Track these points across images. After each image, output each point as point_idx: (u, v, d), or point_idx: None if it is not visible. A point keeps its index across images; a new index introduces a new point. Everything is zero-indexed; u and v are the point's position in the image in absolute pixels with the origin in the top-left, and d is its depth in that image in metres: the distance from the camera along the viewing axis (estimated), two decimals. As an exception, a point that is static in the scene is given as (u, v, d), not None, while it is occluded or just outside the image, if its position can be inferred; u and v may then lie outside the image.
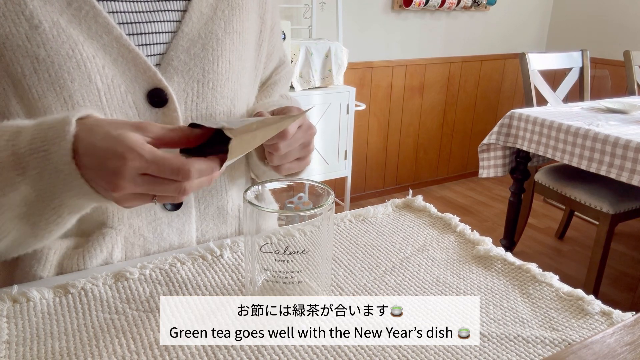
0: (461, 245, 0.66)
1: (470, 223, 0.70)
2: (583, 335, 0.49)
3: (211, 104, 0.62)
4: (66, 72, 0.53)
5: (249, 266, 0.50)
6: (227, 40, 0.62)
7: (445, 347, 0.46)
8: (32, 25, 0.51)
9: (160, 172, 0.43)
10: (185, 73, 0.60)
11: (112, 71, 0.55)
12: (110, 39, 0.55)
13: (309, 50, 2.15)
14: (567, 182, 1.94)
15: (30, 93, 0.52)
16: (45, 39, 0.52)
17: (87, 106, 0.54)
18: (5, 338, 0.46)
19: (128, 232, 0.60)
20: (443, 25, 2.98)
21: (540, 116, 1.82)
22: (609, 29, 3.08)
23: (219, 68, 0.62)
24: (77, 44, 0.53)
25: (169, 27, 0.60)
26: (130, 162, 0.42)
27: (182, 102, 0.60)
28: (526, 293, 0.56)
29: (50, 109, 0.53)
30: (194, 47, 0.60)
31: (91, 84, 0.54)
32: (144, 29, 0.58)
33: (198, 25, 0.60)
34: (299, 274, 0.49)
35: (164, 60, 0.59)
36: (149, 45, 0.59)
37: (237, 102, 0.65)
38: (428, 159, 3.24)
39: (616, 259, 2.36)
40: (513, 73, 3.39)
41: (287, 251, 0.48)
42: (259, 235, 0.50)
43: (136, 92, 0.57)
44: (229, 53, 0.63)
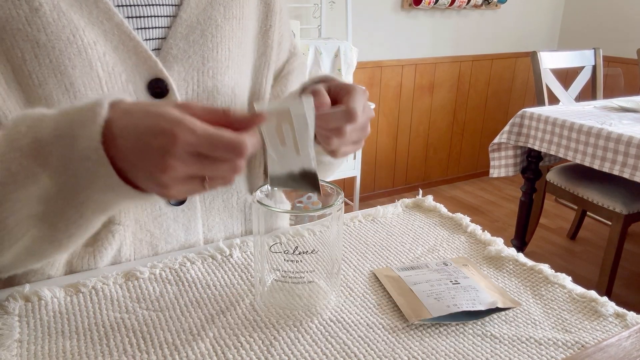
0: (472, 246, 0.65)
1: (480, 223, 0.69)
2: (597, 337, 0.48)
3: (212, 93, 0.62)
4: (67, 58, 0.52)
5: (258, 266, 0.50)
6: (226, 26, 0.62)
7: (455, 349, 0.46)
8: (32, 8, 0.50)
9: (213, 149, 0.38)
10: (185, 61, 0.59)
11: (113, 59, 0.55)
12: (111, 25, 0.54)
13: (318, 49, 2.15)
14: (579, 182, 1.92)
15: (31, 79, 0.51)
16: (45, 22, 0.51)
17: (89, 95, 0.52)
18: (17, 337, 0.46)
19: (135, 227, 0.61)
20: (453, 24, 2.96)
21: (552, 115, 1.80)
22: (621, 26, 3.04)
23: (218, 56, 0.61)
24: (78, 29, 0.52)
25: (168, 10, 0.59)
26: (180, 137, 0.37)
27: (183, 92, 0.60)
28: (538, 294, 0.55)
29: (51, 96, 0.52)
30: (192, 33, 0.59)
31: (92, 71, 0.53)
32: (143, 12, 0.57)
33: (197, 10, 0.60)
34: (309, 274, 0.49)
35: (164, 48, 0.58)
36: (148, 30, 0.58)
37: (239, 91, 0.65)
38: (438, 158, 3.22)
39: (629, 260, 2.33)
40: (524, 72, 3.35)
41: (296, 251, 0.48)
42: (269, 235, 0.50)
43: (137, 81, 0.56)
44: (229, 40, 0.62)
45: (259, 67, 0.70)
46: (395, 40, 2.78)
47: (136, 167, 0.40)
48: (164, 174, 0.39)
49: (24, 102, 0.52)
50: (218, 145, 0.38)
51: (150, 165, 0.39)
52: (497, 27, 3.14)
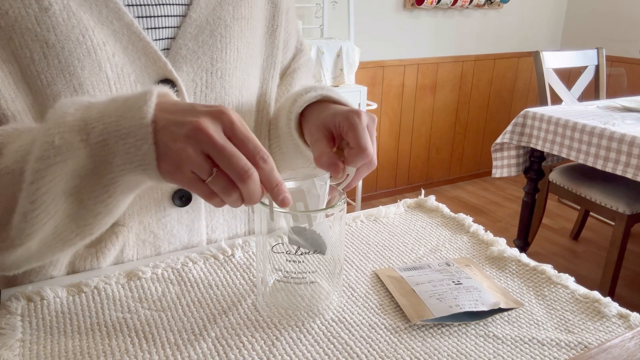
0: (474, 246, 0.65)
1: (483, 223, 0.69)
2: (600, 338, 0.48)
3: (220, 94, 0.62)
4: (76, 59, 0.52)
5: (260, 266, 0.50)
6: (235, 26, 0.62)
7: (458, 349, 0.46)
8: (41, 7, 0.50)
9: (225, 159, 0.40)
10: (194, 62, 0.59)
11: (122, 60, 0.55)
12: (121, 25, 0.54)
13: (320, 49, 2.15)
14: (582, 182, 1.91)
15: (39, 79, 0.51)
16: (55, 22, 0.50)
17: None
18: (20, 336, 0.46)
19: (139, 228, 0.61)
20: (455, 24, 2.95)
21: (555, 115, 1.79)
22: (625, 26, 3.03)
23: (227, 56, 0.61)
24: (88, 30, 0.52)
25: (178, 10, 0.59)
26: (209, 128, 0.40)
27: (192, 92, 0.60)
28: (541, 295, 0.55)
29: (59, 96, 0.52)
30: (202, 34, 0.59)
31: (101, 72, 0.53)
32: (153, 11, 0.57)
33: (206, 10, 0.60)
34: (311, 274, 0.49)
35: (173, 48, 0.58)
36: (157, 29, 0.58)
37: (245, 93, 0.65)
38: (440, 158, 3.22)
39: (632, 260, 2.32)
40: (527, 71, 3.35)
41: (298, 251, 0.48)
42: (271, 235, 0.50)
43: (146, 82, 0.56)
44: (237, 40, 0.62)
45: (266, 68, 0.70)
46: (398, 40, 2.78)
47: (165, 131, 0.41)
48: (180, 152, 0.40)
49: (32, 101, 0.52)
50: (232, 159, 0.40)
51: (181, 115, 0.41)
52: (500, 26, 3.13)
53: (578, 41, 3.31)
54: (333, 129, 0.54)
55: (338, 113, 0.54)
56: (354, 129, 0.51)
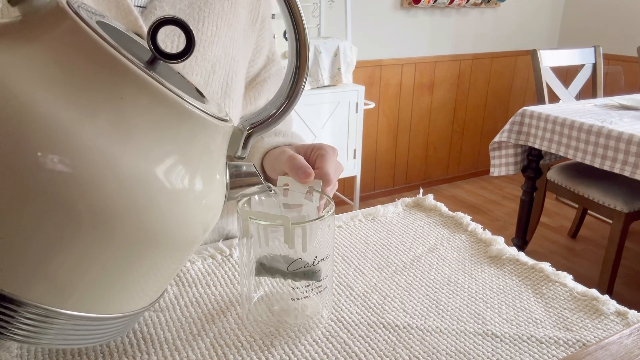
0: (473, 245, 0.65)
1: (481, 222, 0.69)
2: (598, 335, 0.48)
3: (189, 61, 0.59)
4: None
5: (245, 280, 0.48)
6: (216, 3, 0.60)
7: (457, 348, 0.46)
8: None
9: None
10: None
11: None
12: None
13: (318, 48, 2.14)
14: (580, 180, 1.92)
15: None
16: None
17: None
18: (17, 337, 0.46)
19: None
20: (453, 22, 2.96)
21: (553, 113, 1.80)
22: (622, 24, 3.04)
23: (204, 28, 0.59)
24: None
25: None
26: None
27: None
28: (539, 293, 0.55)
29: None
30: (180, 2, 0.58)
31: None
32: None
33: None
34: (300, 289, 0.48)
35: (148, 8, 0.57)
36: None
37: (219, 69, 0.62)
38: (438, 157, 3.22)
39: (630, 258, 2.33)
40: (524, 70, 3.35)
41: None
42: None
43: None
44: (217, 17, 0.61)
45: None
46: (395, 39, 2.78)
47: None
48: None
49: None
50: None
51: None
52: (497, 25, 3.14)
53: (575, 39, 3.32)
54: (304, 155, 0.55)
55: (308, 144, 0.57)
56: (323, 156, 0.54)
